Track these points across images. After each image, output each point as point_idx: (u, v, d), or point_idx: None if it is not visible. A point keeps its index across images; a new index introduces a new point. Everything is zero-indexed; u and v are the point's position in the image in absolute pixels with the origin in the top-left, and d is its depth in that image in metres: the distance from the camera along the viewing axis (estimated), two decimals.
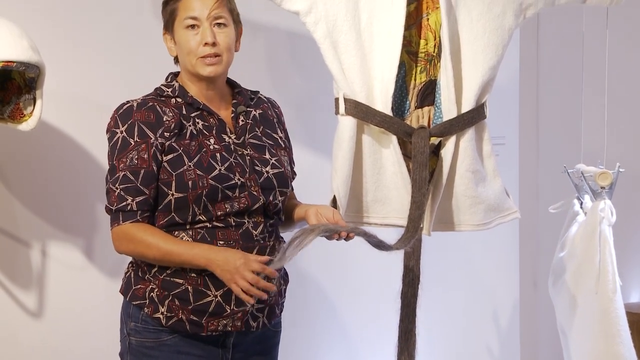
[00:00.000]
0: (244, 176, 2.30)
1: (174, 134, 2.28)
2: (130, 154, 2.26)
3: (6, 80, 2.68)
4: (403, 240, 2.54)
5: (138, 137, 2.27)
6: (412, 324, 2.69)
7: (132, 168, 2.25)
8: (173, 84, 2.38)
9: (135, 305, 2.31)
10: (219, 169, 2.28)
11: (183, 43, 2.33)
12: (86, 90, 2.99)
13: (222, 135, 2.34)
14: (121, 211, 2.26)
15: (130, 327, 2.33)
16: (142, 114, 2.29)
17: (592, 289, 3.10)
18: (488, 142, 2.76)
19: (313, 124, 3.34)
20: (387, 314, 2.78)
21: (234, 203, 2.28)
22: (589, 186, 3.17)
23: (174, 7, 2.34)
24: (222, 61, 2.34)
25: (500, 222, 2.82)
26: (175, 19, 2.34)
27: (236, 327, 2.29)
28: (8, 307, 2.90)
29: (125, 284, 2.36)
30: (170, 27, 2.36)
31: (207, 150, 2.29)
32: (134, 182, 2.25)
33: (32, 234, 2.93)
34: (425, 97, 2.73)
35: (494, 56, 2.70)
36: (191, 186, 2.25)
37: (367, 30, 2.67)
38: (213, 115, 2.35)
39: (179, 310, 2.27)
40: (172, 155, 2.27)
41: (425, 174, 2.63)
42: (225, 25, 2.34)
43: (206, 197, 2.25)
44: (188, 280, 2.27)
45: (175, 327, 2.28)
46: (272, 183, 2.35)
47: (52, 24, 2.93)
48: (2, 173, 2.88)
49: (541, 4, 2.78)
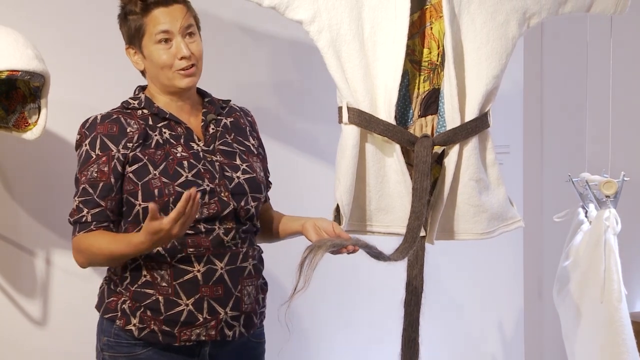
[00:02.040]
0: (213, 182, 2.29)
1: (139, 144, 2.28)
2: (92, 167, 2.27)
3: (11, 89, 2.69)
4: (401, 250, 2.52)
5: (100, 150, 2.27)
6: (416, 333, 2.68)
7: (91, 181, 2.26)
8: (139, 96, 2.37)
9: (107, 319, 2.30)
10: (186, 176, 2.26)
11: (156, 58, 2.31)
12: (90, 99, 3.00)
13: (191, 143, 2.33)
14: (78, 223, 2.27)
15: (104, 342, 2.32)
16: (105, 126, 2.29)
17: (597, 298, 3.09)
18: (492, 150, 2.76)
19: (316, 132, 3.34)
20: (391, 322, 2.77)
21: (204, 209, 2.26)
22: (593, 195, 3.16)
23: (140, 22, 2.31)
24: (198, 70, 2.34)
25: (504, 230, 2.81)
26: (144, 34, 2.31)
27: (210, 336, 2.27)
28: (12, 315, 2.90)
29: (99, 298, 2.36)
30: (137, 43, 2.34)
31: (173, 158, 2.28)
32: (92, 195, 2.25)
33: (36, 243, 2.93)
34: (429, 105, 2.73)
35: (498, 65, 2.70)
36: (157, 194, 2.24)
37: (370, 39, 2.67)
38: (180, 124, 2.34)
39: (151, 321, 2.25)
40: (137, 165, 2.27)
41: (426, 184, 2.63)
42: (194, 34, 2.34)
43: (174, 204, 2.22)
44: (159, 291, 2.25)
45: (148, 339, 2.26)
46: (243, 188, 2.33)
47: (56, 33, 2.94)
48: (6, 181, 2.89)
49: (545, 12, 2.78)
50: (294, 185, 3.33)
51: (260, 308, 2.38)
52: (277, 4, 2.65)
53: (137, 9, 2.31)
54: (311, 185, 3.33)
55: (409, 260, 2.69)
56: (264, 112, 3.29)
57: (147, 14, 2.31)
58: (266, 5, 2.66)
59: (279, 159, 3.30)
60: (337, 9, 2.64)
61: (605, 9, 2.85)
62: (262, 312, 2.40)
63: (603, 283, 3.08)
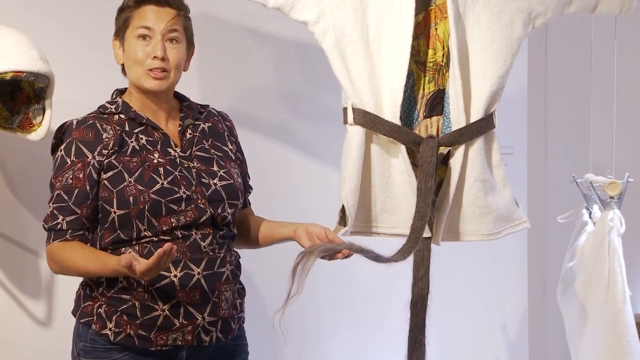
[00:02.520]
0: (189, 189, 2.27)
1: (114, 151, 2.26)
2: (67, 173, 2.26)
3: (16, 90, 2.69)
4: (403, 250, 2.50)
5: (75, 156, 2.26)
6: (422, 335, 2.68)
7: (66, 187, 2.25)
8: (116, 100, 2.36)
9: (83, 323, 2.29)
10: (162, 183, 2.25)
11: (132, 52, 2.30)
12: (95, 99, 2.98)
13: (167, 149, 2.31)
14: (53, 230, 2.26)
15: (80, 347, 2.30)
16: (81, 132, 2.28)
17: (602, 299, 3.09)
18: (497, 151, 2.76)
19: (321, 133, 3.34)
20: (396, 324, 2.77)
21: (180, 217, 2.25)
22: (597, 196, 3.16)
23: (128, 14, 2.31)
24: (169, 77, 2.31)
25: (510, 232, 2.81)
26: (129, 26, 2.31)
27: (187, 341, 2.26)
28: (17, 315, 2.90)
29: (75, 303, 2.35)
30: (122, 34, 2.33)
31: (149, 165, 2.26)
32: (67, 202, 2.24)
33: (41, 244, 2.91)
34: (434, 106, 2.73)
35: (503, 65, 2.70)
36: (132, 202, 2.22)
37: (375, 40, 2.67)
38: (157, 130, 2.32)
39: (127, 325, 2.24)
40: (112, 172, 2.25)
41: (430, 184, 2.62)
42: (177, 42, 2.31)
43: (149, 211, 2.22)
44: (135, 296, 2.25)
45: (124, 343, 2.25)
46: (220, 195, 2.31)
47: (60, 34, 2.94)
48: (11, 182, 2.89)
49: (550, 13, 2.78)
50: (296, 187, 3.33)
51: (238, 313, 2.37)
52: (282, 5, 2.65)
53: (130, 2, 2.33)
54: (315, 186, 3.33)
55: (414, 261, 2.68)
56: (268, 113, 3.30)
57: (137, 8, 2.31)
58: (271, 6, 2.66)
59: (282, 160, 3.31)
60: (342, 10, 2.64)
61: (611, 10, 2.85)
62: (241, 317, 2.39)
63: (607, 284, 3.08)
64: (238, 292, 2.37)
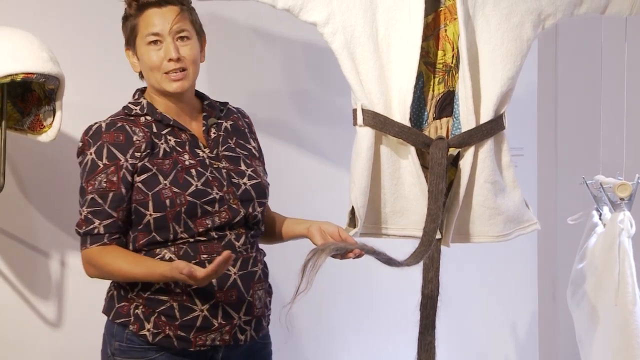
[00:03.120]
0: (222, 190, 2.28)
1: (147, 154, 2.26)
2: (99, 176, 2.24)
3: (26, 92, 2.70)
4: (416, 254, 2.50)
5: (107, 159, 2.24)
6: (432, 337, 2.67)
7: (100, 191, 2.23)
8: (140, 101, 2.35)
9: (119, 323, 2.28)
10: (196, 185, 2.25)
11: (146, 59, 2.30)
12: (105, 101, 3.00)
13: (196, 150, 2.31)
14: (89, 235, 2.24)
15: (115, 347, 2.30)
16: (111, 135, 2.26)
17: (612, 301, 3.08)
18: (507, 152, 2.75)
19: (331, 134, 3.34)
20: (406, 326, 2.77)
21: (215, 218, 2.25)
22: (608, 197, 3.15)
23: (134, 23, 2.31)
24: (189, 75, 2.31)
25: (520, 233, 2.80)
26: (137, 35, 2.30)
27: (224, 340, 2.27)
28: (27, 317, 2.91)
29: (107, 303, 2.34)
30: (132, 43, 2.33)
31: (182, 167, 2.26)
32: (102, 205, 2.23)
33: (52, 245, 2.94)
34: (444, 108, 2.72)
35: (513, 67, 2.69)
36: (169, 205, 2.22)
37: (384, 41, 2.67)
38: (184, 131, 2.32)
39: (166, 326, 2.24)
40: (146, 175, 2.25)
41: (442, 186, 2.62)
42: (188, 38, 2.31)
43: (185, 214, 2.22)
44: (173, 297, 2.24)
45: (162, 344, 2.25)
46: (250, 194, 2.32)
47: (71, 35, 2.95)
48: (22, 184, 2.90)
49: (560, 14, 2.77)
50: (306, 189, 3.33)
51: (267, 311, 2.39)
52: (291, 6, 2.65)
53: (132, 10, 2.31)
54: (324, 188, 3.33)
55: (424, 263, 2.68)
56: (277, 115, 3.30)
57: (140, 14, 2.30)
58: (280, 7, 2.66)
59: (291, 162, 3.31)
60: (351, 11, 2.64)
61: (621, 11, 2.85)
62: (269, 315, 2.41)
63: (617, 286, 3.07)
64: (267, 290, 2.39)
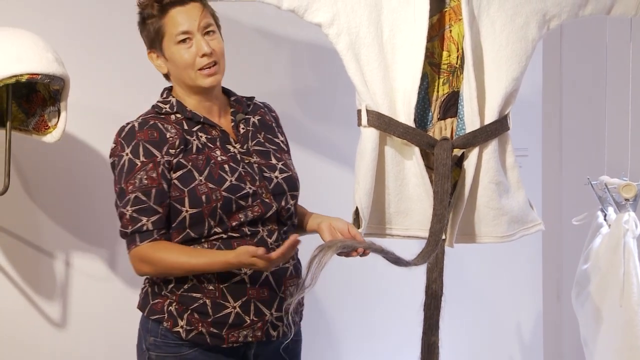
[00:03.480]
0: (254, 184, 2.29)
1: (180, 150, 2.27)
2: (139, 174, 2.24)
3: (31, 93, 2.70)
4: (423, 254, 2.51)
5: (144, 156, 2.25)
6: (436, 337, 2.68)
7: (142, 188, 2.23)
8: (169, 99, 2.35)
9: (153, 320, 2.30)
10: (230, 180, 2.26)
11: (178, 59, 2.30)
12: (110, 102, 3.01)
13: (227, 146, 2.33)
14: (137, 232, 2.23)
15: (150, 342, 2.32)
16: (145, 133, 2.27)
17: (617, 302, 3.08)
18: (511, 153, 2.75)
19: (335, 135, 3.34)
20: (410, 326, 2.77)
21: (248, 212, 2.27)
22: (612, 198, 3.15)
23: (158, 24, 2.31)
24: (220, 68, 2.33)
25: (524, 234, 2.80)
26: (164, 36, 2.31)
27: (257, 337, 2.29)
28: (32, 317, 2.92)
29: (142, 299, 2.36)
30: (158, 45, 2.33)
31: (215, 162, 2.28)
32: (147, 202, 2.23)
33: (56, 245, 2.94)
34: (448, 108, 2.72)
35: (518, 67, 2.69)
36: (205, 200, 2.23)
37: (389, 42, 2.67)
38: (215, 127, 2.34)
39: (199, 323, 2.26)
40: (182, 171, 2.26)
41: (447, 186, 2.62)
42: (214, 32, 2.33)
43: (221, 209, 2.24)
44: (206, 294, 2.26)
45: (195, 341, 2.27)
46: (282, 188, 2.34)
47: (76, 36, 2.95)
48: (26, 184, 2.90)
49: (565, 15, 2.77)
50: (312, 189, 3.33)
51: (300, 307, 2.41)
52: (296, 7, 2.65)
53: (154, 11, 2.31)
54: (329, 188, 3.33)
55: (428, 263, 2.68)
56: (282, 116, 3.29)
57: (164, 15, 2.30)
58: (285, 8, 2.66)
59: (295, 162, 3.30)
60: (356, 12, 2.64)
61: (626, 11, 2.84)
62: (302, 311, 2.43)
63: (622, 286, 3.07)
64: None
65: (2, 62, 2.51)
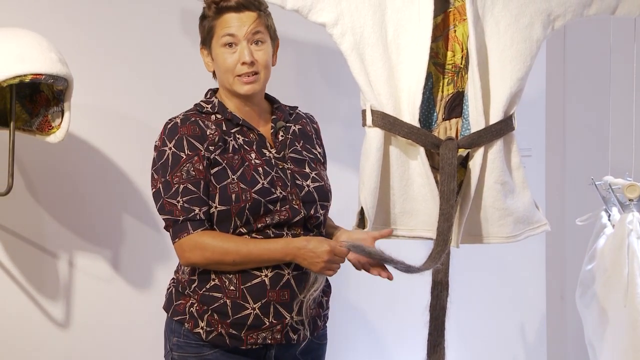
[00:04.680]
0: (285, 190, 2.30)
1: (218, 147, 2.29)
2: (185, 166, 2.26)
3: (35, 93, 2.70)
4: (433, 257, 2.53)
5: (188, 150, 2.27)
6: (441, 338, 2.67)
7: (191, 180, 2.25)
8: (212, 100, 2.37)
9: (177, 320, 2.32)
10: (262, 183, 2.28)
11: (220, 61, 2.33)
12: (114, 102, 3.01)
13: (263, 150, 2.34)
14: (190, 221, 2.24)
15: (173, 342, 2.33)
16: (188, 127, 2.29)
17: (621, 302, 3.07)
18: (516, 153, 2.75)
19: (340, 135, 3.34)
20: (416, 326, 2.76)
21: (275, 215, 2.28)
22: (616, 198, 3.15)
23: (212, 24, 2.34)
24: (260, 79, 2.34)
25: (530, 234, 2.80)
26: (213, 36, 2.33)
27: (276, 339, 2.29)
28: (35, 317, 2.91)
29: (167, 300, 2.38)
30: (208, 43, 2.36)
31: (249, 164, 2.30)
32: (197, 193, 2.25)
33: (60, 245, 2.94)
34: (453, 108, 2.72)
35: (522, 67, 2.69)
36: (234, 199, 2.25)
37: (394, 42, 2.66)
38: (253, 131, 2.35)
39: (218, 324, 2.27)
40: (217, 168, 2.28)
41: (453, 186, 2.62)
42: (262, 42, 2.34)
43: (249, 210, 2.25)
44: (226, 294, 2.27)
45: (215, 342, 2.29)
46: (313, 196, 2.34)
47: (81, 37, 2.95)
48: (30, 184, 2.90)
49: (570, 15, 2.76)
50: None
51: (324, 311, 2.41)
52: (300, 7, 2.65)
53: (210, 12, 2.34)
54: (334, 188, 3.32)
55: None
56: None
57: (218, 17, 2.33)
58: (289, 8, 2.66)
59: None
60: (361, 12, 2.64)
61: (631, 11, 2.84)
62: (326, 315, 2.43)
63: (626, 287, 3.07)
64: (324, 290, 2.40)
65: (6, 62, 2.51)
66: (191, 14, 2.99)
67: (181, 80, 3.06)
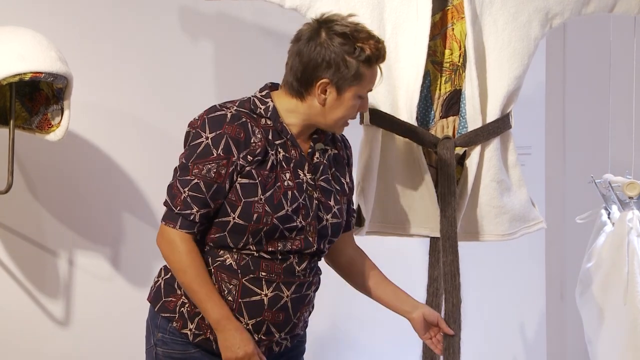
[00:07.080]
0: (305, 220, 2.26)
1: (257, 160, 2.23)
2: (209, 164, 2.20)
3: (35, 91, 2.71)
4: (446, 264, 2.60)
5: (222, 151, 2.20)
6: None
7: (207, 179, 2.20)
8: (267, 102, 2.29)
9: (164, 317, 2.29)
10: (287, 210, 2.23)
11: (347, 109, 2.25)
12: (113, 100, 3.01)
13: (299, 171, 2.28)
14: (182, 217, 2.21)
15: (158, 337, 2.30)
16: (234, 129, 2.22)
17: (620, 300, 3.07)
18: (513, 151, 2.75)
19: None
20: None
21: (287, 243, 2.25)
22: (616, 196, 3.14)
23: (362, 71, 2.22)
24: None
25: (526, 232, 2.80)
26: (359, 84, 2.24)
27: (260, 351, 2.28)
28: (35, 316, 2.92)
29: (155, 292, 2.33)
30: (347, 84, 2.23)
31: (280, 185, 2.24)
32: (205, 194, 2.20)
33: (60, 244, 2.95)
34: (450, 107, 2.72)
35: (520, 66, 2.69)
36: (255, 219, 2.21)
37: (392, 40, 2.67)
38: (296, 148, 2.29)
39: (208, 330, 2.25)
40: (248, 181, 2.22)
41: (453, 188, 2.63)
42: None
43: (265, 232, 2.22)
44: None
45: (201, 345, 2.27)
46: (327, 232, 2.31)
47: (84, 36, 2.96)
48: (30, 183, 2.91)
49: (568, 13, 2.76)
50: None
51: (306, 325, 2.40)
52: (299, 5, 2.65)
53: (363, 56, 2.22)
54: None
55: (430, 261, 2.69)
56: None
57: (369, 66, 2.23)
58: (288, 6, 2.66)
59: None
60: (359, 10, 2.64)
61: (629, 9, 2.83)
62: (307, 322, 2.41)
63: (626, 285, 3.06)
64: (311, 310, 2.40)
65: (6, 60, 2.51)
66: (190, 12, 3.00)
67: (181, 79, 3.07)
